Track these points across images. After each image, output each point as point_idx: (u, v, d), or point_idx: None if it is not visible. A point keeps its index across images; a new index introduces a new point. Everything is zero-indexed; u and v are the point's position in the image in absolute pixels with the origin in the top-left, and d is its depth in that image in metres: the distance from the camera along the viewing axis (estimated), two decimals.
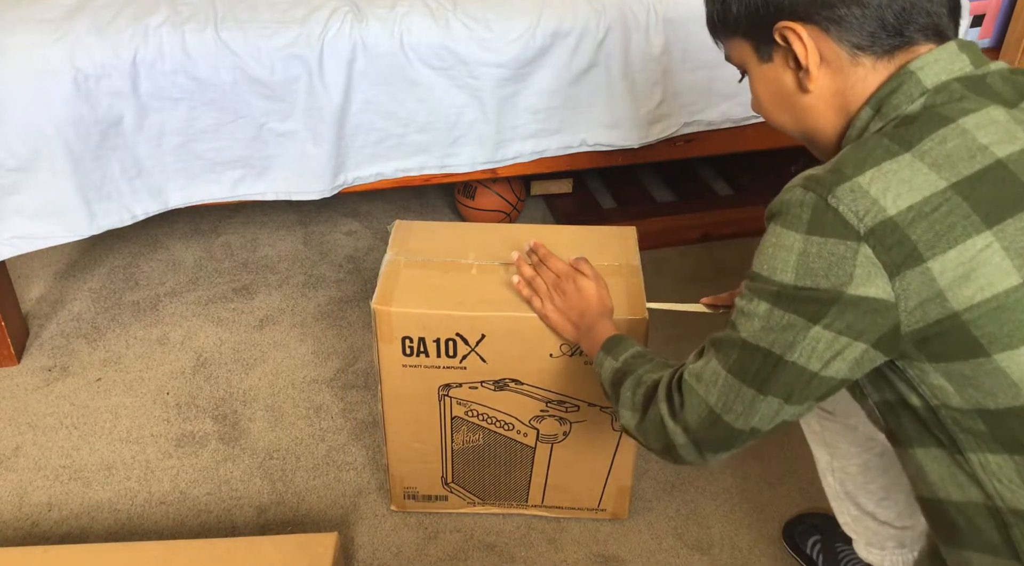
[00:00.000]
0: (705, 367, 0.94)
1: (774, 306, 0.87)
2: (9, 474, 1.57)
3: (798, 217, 0.85)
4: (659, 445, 1.01)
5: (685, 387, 0.96)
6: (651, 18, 1.75)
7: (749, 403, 0.91)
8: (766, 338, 0.88)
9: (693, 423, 0.95)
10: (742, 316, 0.91)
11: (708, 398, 0.93)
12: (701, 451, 0.96)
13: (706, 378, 0.93)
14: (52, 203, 1.62)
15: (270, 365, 1.82)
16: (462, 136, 1.79)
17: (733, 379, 0.91)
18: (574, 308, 1.23)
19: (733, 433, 0.93)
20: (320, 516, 1.50)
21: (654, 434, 1.01)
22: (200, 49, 1.60)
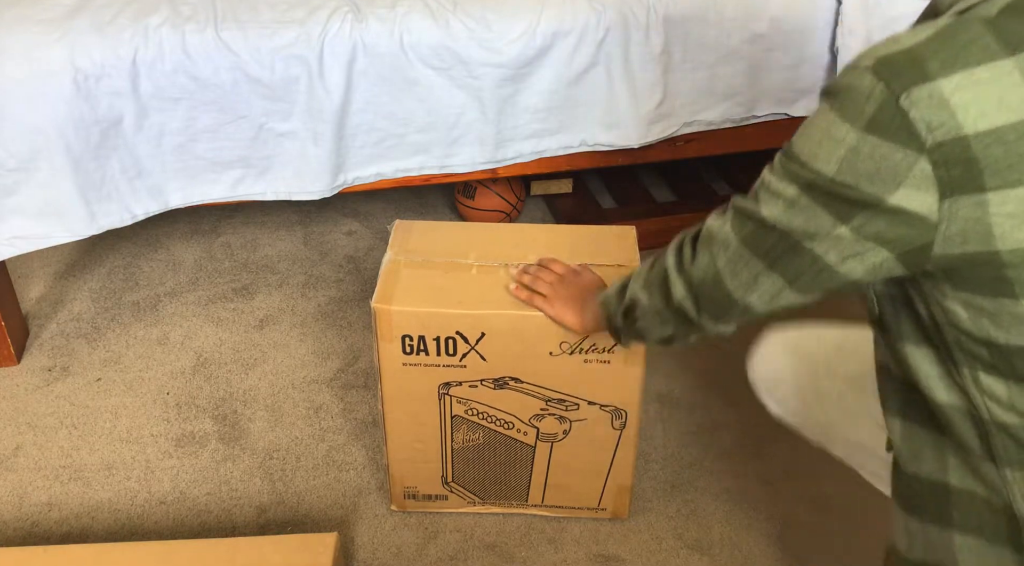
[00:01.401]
0: (721, 229, 0.92)
1: (803, 193, 0.81)
2: (9, 474, 1.57)
3: (859, 109, 0.76)
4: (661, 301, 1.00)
5: (700, 242, 0.95)
6: (651, 18, 1.75)
7: (754, 276, 0.89)
8: (786, 222, 0.84)
9: (697, 279, 0.95)
10: (767, 193, 0.86)
11: (717, 260, 0.92)
12: (699, 310, 0.96)
13: (719, 240, 0.92)
14: (52, 203, 1.62)
15: (270, 365, 1.82)
16: (462, 136, 1.79)
17: (744, 249, 0.89)
18: (574, 296, 1.24)
19: (730, 302, 0.92)
20: (320, 516, 1.50)
21: (657, 289, 1.01)
22: (200, 49, 1.60)
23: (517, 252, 1.38)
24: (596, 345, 1.28)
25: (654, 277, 1.04)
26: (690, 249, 0.97)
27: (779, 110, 1.93)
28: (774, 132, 1.97)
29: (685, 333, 1.03)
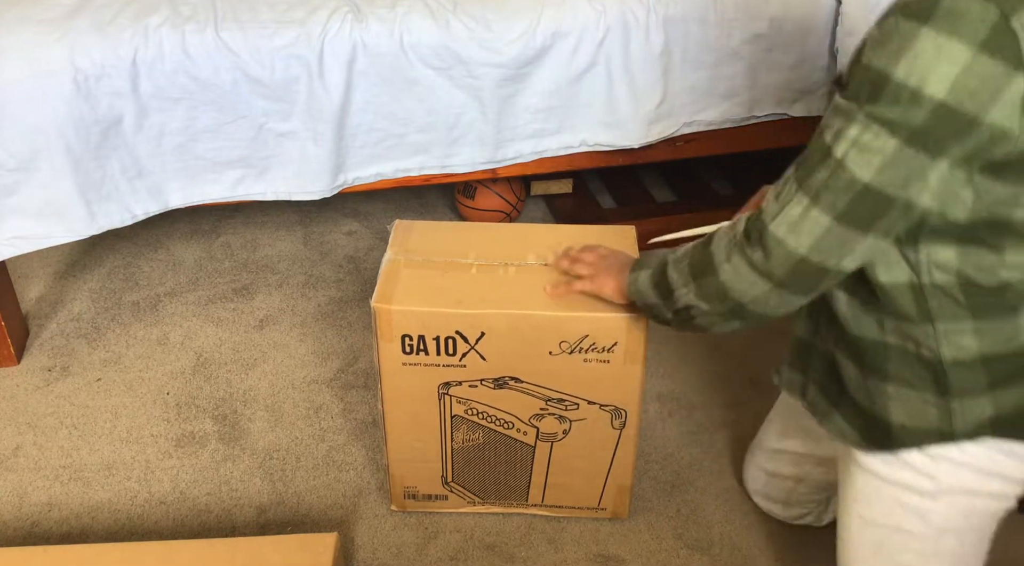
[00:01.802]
0: (804, 217, 0.91)
1: (906, 144, 0.84)
2: (9, 474, 1.57)
3: (973, 30, 0.80)
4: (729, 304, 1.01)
5: (770, 240, 0.95)
6: (651, 18, 1.75)
7: (850, 245, 0.92)
8: (887, 179, 0.86)
9: (781, 273, 0.95)
10: (855, 149, 0.87)
11: (799, 249, 0.93)
12: (787, 294, 0.97)
13: (804, 228, 0.92)
14: (52, 203, 1.62)
15: (270, 365, 1.82)
16: (462, 136, 1.79)
17: (838, 226, 0.90)
18: (614, 267, 1.24)
19: (823, 273, 0.94)
20: (320, 516, 1.50)
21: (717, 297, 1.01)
22: (200, 49, 1.60)
23: (517, 252, 1.38)
24: (596, 345, 1.28)
25: (711, 288, 1.03)
26: (758, 249, 0.97)
27: (779, 110, 1.93)
28: (774, 132, 1.97)
29: (761, 321, 1.04)
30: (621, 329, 1.26)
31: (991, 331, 0.97)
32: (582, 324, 1.26)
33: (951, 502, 1.04)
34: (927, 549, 1.07)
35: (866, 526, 1.10)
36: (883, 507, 1.08)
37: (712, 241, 1.04)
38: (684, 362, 1.83)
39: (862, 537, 1.12)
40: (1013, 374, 0.98)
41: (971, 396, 0.99)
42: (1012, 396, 0.99)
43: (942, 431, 1.01)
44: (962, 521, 1.06)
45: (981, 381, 0.99)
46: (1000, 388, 0.99)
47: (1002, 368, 0.98)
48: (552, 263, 1.33)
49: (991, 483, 1.04)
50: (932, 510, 1.05)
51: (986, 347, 0.98)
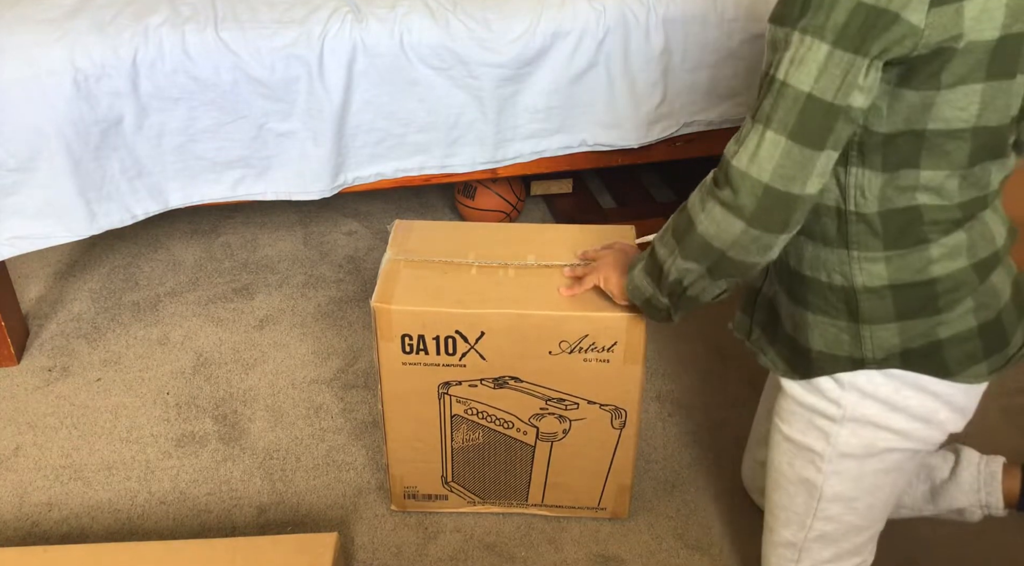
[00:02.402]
0: (760, 144, 0.95)
1: (835, 47, 0.90)
2: (9, 474, 1.57)
3: None
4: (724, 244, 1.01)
5: (734, 174, 0.97)
6: (651, 18, 1.75)
7: (809, 163, 0.94)
8: (824, 85, 0.91)
9: (751, 206, 0.97)
10: (797, 66, 0.92)
11: (762, 176, 0.95)
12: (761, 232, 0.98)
13: (763, 154, 0.94)
14: (52, 203, 1.62)
15: (270, 365, 1.82)
16: (462, 136, 1.79)
17: (793, 144, 0.93)
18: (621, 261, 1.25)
19: (791, 200, 0.96)
20: (320, 516, 1.50)
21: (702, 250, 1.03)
22: (200, 49, 1.60)
23: (517, 252, 1.38)
24: (596, 345, 1.28)
25: (694, 243, 1.04)
26: (726, 189, 0.98)
27: None
28: None
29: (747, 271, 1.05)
30: (621, 329, 1.26)
31: (901, 260, 1.03)
32: (582, 324, 1.26)
33: (854, 430, 1.12)
34: (827, 468, 1.15)
35: (783, 441, 1.19)
36: (798, 426, 1.16)
37: (689, 199, 1.06)
38: (684, 362, 1.83)
39: (779, 452, 1.21)
40: (920, 306, 1.04)
41: (880, 323, 1.05)
42: (918, 327, 1.05)
43: (853, 357, 1.08)
44: (862, 450, 1.13)
45: (889, 309, 1.05)
46: (907, 318, 1.05)
47: (909, 298, 1.04)
48: (567, 272, 1.33)
49: (895, 418, 1.10)
50: (837, 434, 1.12)
51: (895, 276, 1.04)
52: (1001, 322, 1.08)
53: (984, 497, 1.33)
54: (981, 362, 1.07)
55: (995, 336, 1.08)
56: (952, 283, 1.04)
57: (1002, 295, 1.08)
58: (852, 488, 1.16)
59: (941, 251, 1.03)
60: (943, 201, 1.01)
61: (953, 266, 1.04)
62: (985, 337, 1.07)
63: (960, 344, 1.06)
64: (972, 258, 1.04)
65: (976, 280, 1.05)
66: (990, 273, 1.06)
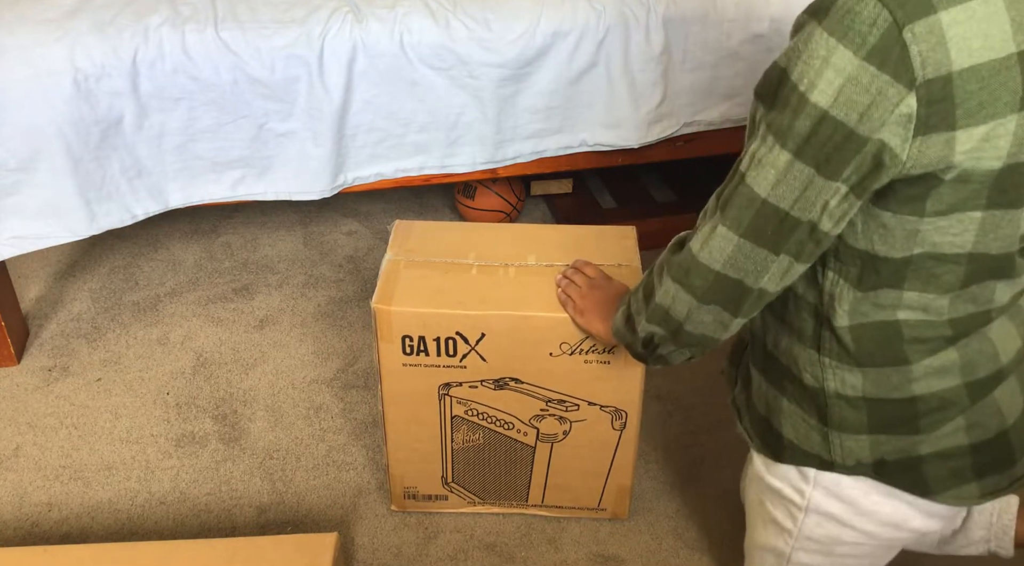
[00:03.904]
0: (713, 233, 0.89)
1: (796, 158, 0.81)
2: (9, 474, 1.57)
3: (861, 37, 0.74)
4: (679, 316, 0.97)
5: (688, 256, 0.93)
6: (651, 18, 1.75)
7: (763, 263, 0.88)
8: (784, 195, 0.83)
9: (701, 288, 0.92)
10: (757, 166, 0.84)
11: (713, 265, 0.90)
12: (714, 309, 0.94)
13: (714, 245, 0.89)
14: (52, 203, 1.62)
15: (270, 365, 1.82)
16: (462, 136, 1.79)
17: (745, 242, 0.87)
18: (601, 303, 1.22)
19: (742, 289, 0.91)
20: (320, 516, 1.50)
21: (662, 321, 0.99)
22: (200, 49, 1.60)
23: (517, 252, 1.38)
24: (596, 346, 1.28)
25: (655, 310, 1.01)
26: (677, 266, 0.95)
27: None
28: None
29: (707, 344, 1.01)
30: None
31: (878, 375, 0.95)
32: None
33: (819, 522, 1.06)
34: (794, 543, 1.11)
35: (755, 504, 1.16)
36: (767, 496, 1.12)
37: (655, 263, 1.03)
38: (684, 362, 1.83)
39: (752, 510, 1.18)
40: (897, 422, 0.95)
41: (851, 433, 0.98)
42: (894, 444, 0.96)
43: (822, 459, 1.01)
44: (828, 540, 1.07)
45: (862, 420, 0.97)
46: (881, 432, 0.96)
47: (885, 413, 0.96)
48: (556, 279, 1.31)
49: (861, 521, 1.03)
50: (803, 520, 1.07)
51: (870, 390, 0.95)
52: (1007, 440, 0.97)
53: (994, 546, 1.25)
54: (971, 482, 0.97)
55: (994, 455, 0.97)
56: (937, 403, 0.94)
57: (1008, 412, 0.97)
58: (821, 562, 1.11)
59: (925, 370, 0.93)
60: (930, 317, 0.92)
61: (940, 385, 0.94)
62: (979, 455, 0.97)
63: (944, 461, 0.97)
64: (967, 376, 0.94)
65: (968, 400, 0.94)
66: (991, 391, 0.95)
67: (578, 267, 1.31)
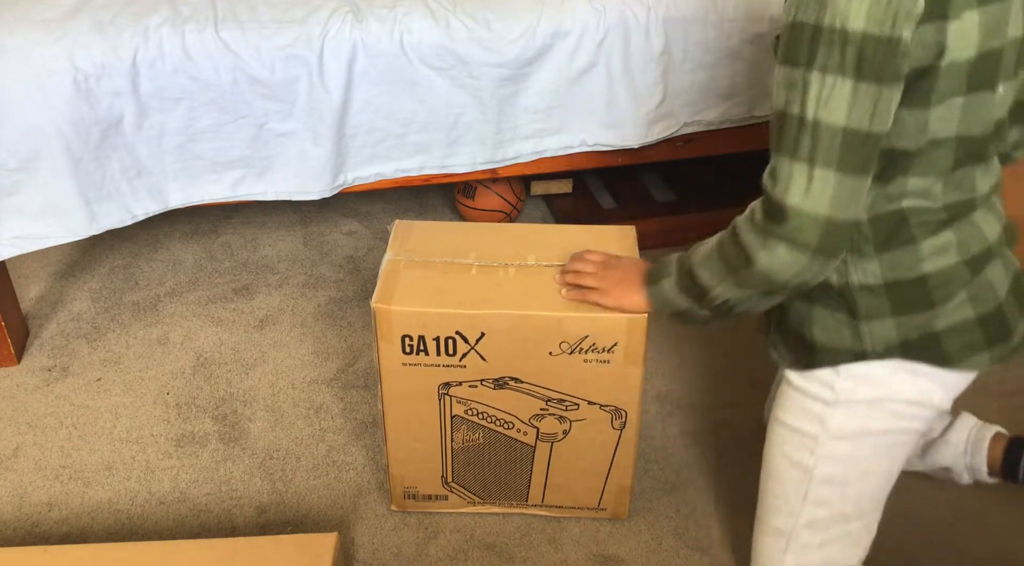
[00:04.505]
0: (811, 180, 0.98)
1: (858, 81, 0.94)
2: (9, 474, 1.57)
3: None
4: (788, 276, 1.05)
5: (792, 213, 0.99)
6: (651, 18, 1.75)
7: (860, 190, 0.99)
8: (859, 117, 0.95)
9: (815, 240, 1.00)
10: (826, 105, 0.95)
11: (820, 210, 0.98)
12: (824, 259, 1.02)
13: (816, 190, 0.98)
14: (52, 203, 1.62)
15: (270, 365, 1.82)
16: (462, 136, 1.79)
17: (843, 176, 0.97)
18: (625, 279, 1.25)
19: (847, 229, 1.00)
20: (320, 516, 1.50)
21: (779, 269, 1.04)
22: (200, 49, 1.60)
23: (517, 252, 1.38)
24: (596, 345, 1.28)
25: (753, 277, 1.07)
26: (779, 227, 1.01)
27: None
28: None
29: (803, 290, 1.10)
30: (621, 329, 1.26)
31: (893, 259, 1.09)
32: (582, 324, 1.27)
33: (847, 413, 1.16)
34: (820, 451, 1.19)
35: (778, 426, 1.24)
36: (792, 411, 1.21)
37: (737, 235, 1.09)
38: (684, 362, 1.83)
39: (774, 435, 1.26)
40: (914, 301, 1.10)
41: (877, 319, 1.11)
42: (915, 321, 1.11)
43: (855, 351, 1.13)
44: (854, 433, 1.18)
45: (885, 306, 1.10)
46: (903, 313, 1.10)
47: (903, 294, 1.10)
48: (558, 280, 1.32)
49: (888, 402, 1.16)
50: (831, 417, 1.17)
51: (888, 275, 1.10)
52: (1003, 313, 1.13)
53: (969, 459, 1.41)
54: (983, 351, 1.12)
55: (997, 327, 1.13)
56: (943, 278, 1.09)
57: (999, 288, 1.13)
58: (843, 472, 1.20)
59: (930, 249, 1.09)
60: (929, 203, 1.07)
61: (943, 262, 1.09)
62: (986, 327, 1.12)
63: (959, 335, 1.11)
64: (963, 255, 1.09)
65: (968, 275, 1.10)
66: (983, 268, 1.11)
67: (580, 256, 1.32)
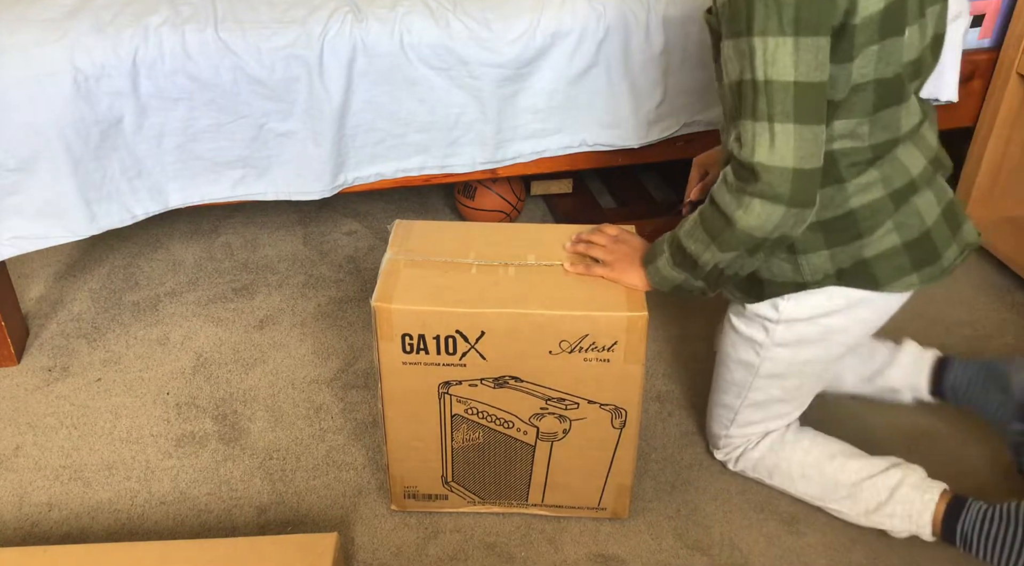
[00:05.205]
0: (773, 136, 1.06)
1: (798, 35, 1.02)
2: (9, 474, 1.57)
3: None
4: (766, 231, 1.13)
5: (761, 169, 1.07)
6: (651, 18, 1.75)
7: (818, 139, 1.07)
8: (808, 70, 1.04)
9: (786, 191, 1.08)
10: (772, 63, 1.04)
11: (787, 162, 1.06)
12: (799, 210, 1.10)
13: (779, 144, 1.06)
14: (52, 203, 1.62)
15: (270, 365, 1.82)
16: (462, 136, 1.79)
17: (801, 127, 1.06)
18: (632, 256, 1.33)
19: (815, 176, 1.09)
20: (320, 516, 1.50)
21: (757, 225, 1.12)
22: (200, 49, 1.60)
23: (517, 252, 1.38)
24: (596, 344, 1.28)
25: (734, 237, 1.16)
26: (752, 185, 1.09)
27: None
28: None
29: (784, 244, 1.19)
30: (621, 329, 1.26)
31: (824, 198, 1.20)
32: (582, 323, 1.27)
33: (788, 327, 1.32)
34: (764, 354, 1.37)
35: (731, 332, 1.40)
36: (743, 322, 1.37)
37: (714, 201, 1.16)
38: (684, 362, 1.83)
39: (727, 338, 1.42)
40: (843, 233, 1.23)
41: (814, 252, 1.25)
42: (847, 252, 1.24)
43: (796, 282, 1.28)
44: (795, 340, 1.34)
45: (819, 240, 1.23)
46: (835, 246, 1.24)
47: (834, 229, 1.23)
48: (568, 248, 1.38)
49: (823, 319, 1.31)
50: (774, 330, 1.33)
51: (820, 213, 1.21)
52: (930, 238, 1.25)
53: (913, 379, 1.55)
54: (911, 274, 1.26)
55: (924, 251, 1.25)
56: (869, 211, 1.21)
57: (927, 215, 1.25)
58: (783, 370, 1.38)
59: (856, 188, 1.21)
60: (857, 144, 1.18)
61: (868, 197, 1.21)
62: (912, 252, 1.25)
63: (887, 260, 1.24)
64: (887, 188, 1.21)
65: (892, 206, 1.22)
66: (908, 198, 1.23)
67: (597, 228, 1.39)
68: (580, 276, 1.33)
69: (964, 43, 1.88)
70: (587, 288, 1.31)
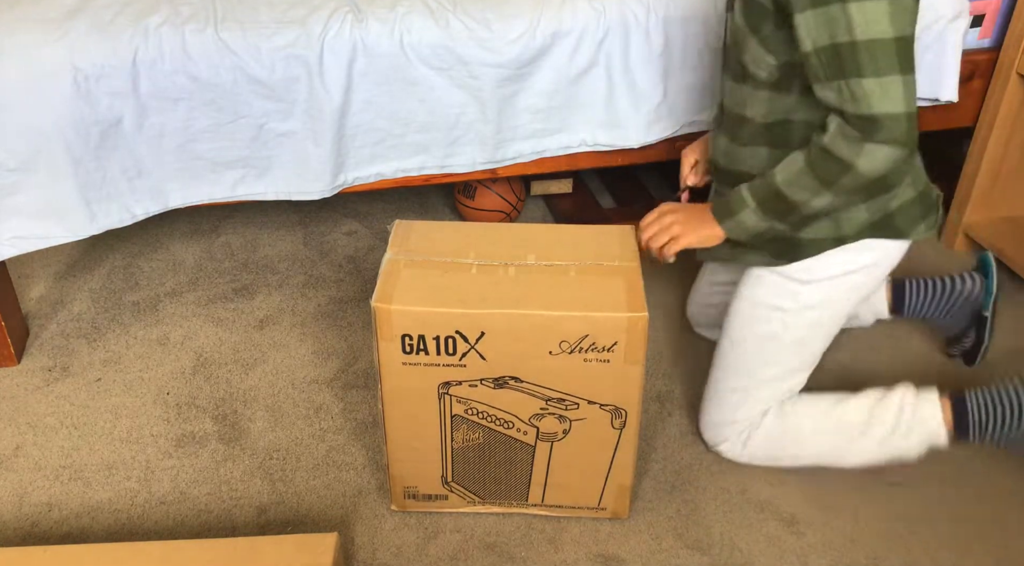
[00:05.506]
0: (884, 87, 1.14)
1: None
2: (9, 474, 1.57)
3: None
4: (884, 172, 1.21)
5: (882, 118, 1.15)
6: (651, 18, 1.75)
7: (916, 86, 1.17)
8: (900, 23, 1.13)
9: (905, 134, 1.16)
10: (869, 24, 1.11)
11: (900, 108, 1.15)
12: (912, 152, 1.19)
13: (891, 94, 1.14)
14: (52, 203, 1.62)
15: (270, 365, 1.82)
16: (462, 136, 1.79)
17: (905, 77, 1.15)
18: (699, 216, 1.40)
19: (918, 118, 1.18)
20: (320, 516, 1.50)
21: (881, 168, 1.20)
22: (200, 49, 1.60)
23: (517, 252, 1.38)
24: (596, 345, 1.28)
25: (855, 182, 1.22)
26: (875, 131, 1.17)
27: None
28: None
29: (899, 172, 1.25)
30: (621, 329, 1.26)
31: None
32: (582, 324, 1.27)
33: (818, 287, 1.40)
34: (791, 320, 1.43)
35: (746, 305, 1.46)
36: (770, 290, 1.43)
37: (829, 152, 1.22)
38: (684, 362, 1.83)
39: (740, 313, 1.47)
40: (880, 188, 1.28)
41: (854, 206, 1.33)
42: (879, 204, 1.34)
43: (835, 237, 1.36)
44: (822, 301, 1.42)
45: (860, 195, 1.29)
46: (871, 198, 1.32)
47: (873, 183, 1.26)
48: (643, 240, 1.45)
49: (851, 274, 1.39)
50: (803, 291, 1.41)
51: None
52: (930, 190, 1.40)
53: (871, 304, 1.73)
54: (920, 222, 1.38)
55: (928, 201, 1.39)
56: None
57: (922, 170, 1.39)
58: (806, 334, 1.44)
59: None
60: None
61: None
62: (923, 202, 1.37)
63: (906, 210, 1.36)
64: None
65: (911, 161, 1.26)
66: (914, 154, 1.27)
67: (661, 211, 1.45)
68: (580, 277, 1.33)
69: (964, 43, 1.88)
70: (587, 288, 1.31)
